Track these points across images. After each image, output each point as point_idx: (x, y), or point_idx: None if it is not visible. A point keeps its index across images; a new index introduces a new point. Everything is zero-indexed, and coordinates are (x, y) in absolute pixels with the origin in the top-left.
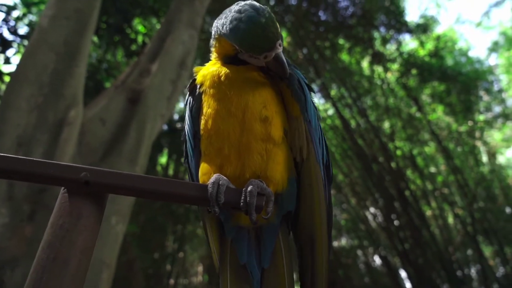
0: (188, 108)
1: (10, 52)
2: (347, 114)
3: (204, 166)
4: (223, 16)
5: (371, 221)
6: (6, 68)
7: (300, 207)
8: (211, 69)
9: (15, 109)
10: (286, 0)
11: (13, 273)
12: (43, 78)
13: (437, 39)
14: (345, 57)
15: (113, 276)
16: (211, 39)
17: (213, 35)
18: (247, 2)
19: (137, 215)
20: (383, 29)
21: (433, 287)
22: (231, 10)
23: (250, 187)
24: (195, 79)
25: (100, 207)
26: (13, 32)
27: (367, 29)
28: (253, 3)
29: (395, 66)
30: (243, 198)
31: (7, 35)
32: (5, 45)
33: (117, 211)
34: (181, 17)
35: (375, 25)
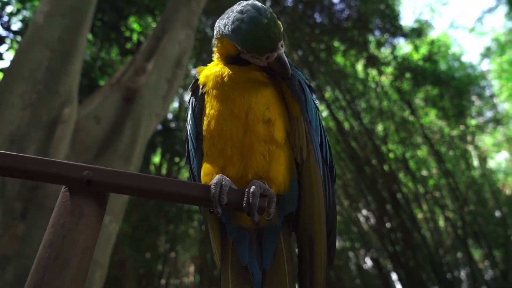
0: (190, 108)
1: (3, 48)
2: (341, 116)
3: (206, 166)
4: (225, 16)
5: (363, 223)
6: None
7: (300, 208)
8: (214, 69)
9: (8, 106)
10: (282, 1)
11: (4, 272)
12: (37, 75)
13: (431, 43)
14: (340, 59)
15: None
16: (213, 39)
17: (215, 35)
18: (249, 2)
19: (129, 214)
20: (378, 33)
21: None
22: (233, 10)
23: (252, 188)
24: (197, 79)
25: (101, 206)
26: (7, 28)
27: (362, 32)
28: (255, 3)
29: (389, 69)
30: (245, 199)
31: (0, 30)
32: None
33: (110, 210)
34: (178, 16)
35: (370, 28)
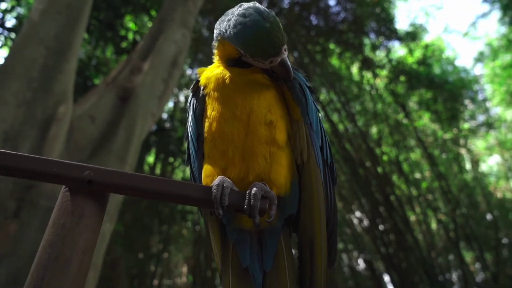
0: (191, 109)
1: None
2: (335, 118)
3: (207, 168)
4: (226, 18)
5: (356, 225)
6: None
7: (300, 210)
8: (215, 71)
9: (2, 104)
10: (278, 3)
11: None
12: (32, 73)
13: (425, 47)
14: (335, 62)
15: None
16: (213, 41)
17: (215, 37)
18: (251, 5)
19: (122, 214)
20: (373, 36)
21: None
22: (234, 13)
23: (254, 189)
24: (198, 81)
25: (102, 207)
26: (1, 25)
27: (358, 35)
28: (258, 6)
29: (384, 72)
30: (247, 201)
31: None
32: None
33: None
34: (174, 16)
35: (365, 31)
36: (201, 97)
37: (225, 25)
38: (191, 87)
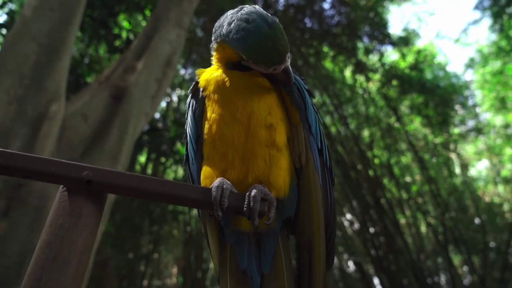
0: (191, 111)
1: None
2: (328, 121)
3: (206, 169)
4: (226, 21)
5: (347, 227)
6: None
7: (298, 213)
8: (215, 74)
9: None
10: (273, 5)
11: None
12: (24, 69)
13: (418, 52)
14: (328, 64)
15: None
16: (212, 42)
17: (214, 38)
18: (254, 10)
19: (113, 214)
20: (366, 40)
21: None
22: (236, 16)
23: (253, 192)
24: (197, 82)
25: (100, 207)
26: None
27: (351, 39)
28: (261, 11)
29: (376, 76)
30: (246, 203)
31: None
32: None
33: None
34: (169, 15)
35: (359, 35)
36: (201, 99)
37: (226, 28)
38: (190, 88)
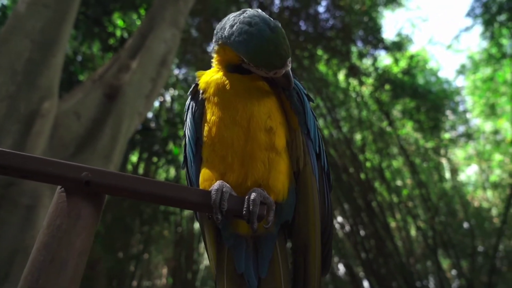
0: (190, 113)
1: None
2: (321, 123)
3: (205, 172)
4: (228, 23)
5: (338, 230)
6: None
7: (295, 217)
8: (215, 76)
9: None
10: (269, 7)
11: None
12: (16, 66)
13: (410, 57)
14: (322, 68)
15: None
16: (213, 44)
17: (215, 40)
18: (256, 13)
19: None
20: (360, 44)
21: None
22: (238, 19)
23: (253, 195)
24: (197, 84)
25: (98, 208)
26: None
27: (345, 43)
28: (264, 15)
29: (369, 80)
30: (245, 206)
31: None
32: None
33: None
34: (165, 15)
35: (353, 39)
36: (201, 101)
37: (227, 31)
38: (190, 90)
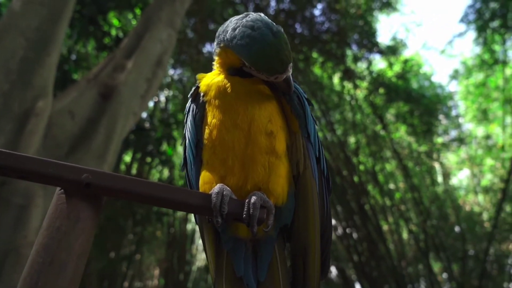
0: (191, 115)
1: None
2: None
3: (206, 175)
4: (231, 26)
5: None
6: None
7: (295, 220)
8: (216, 79)
9: None
10: (265, 9)
11: None
12: (10, 64)
13: (405, 62)
14: (317, 70)
15: None
16: (214, 47)
17: (217, 43)
18: (259, 17)
19: None
20: (355, 47)
21: None
22: (241, 23)
23: (253, 198)
24: (198, 87)
25: (97, 210)
26: None
27: (340, 46)
28: (266, 20)
29: (364, 83)
30: (246, 210)
31: None
32: None
33: None
34: (161, 15)
35: (348, 42)
36: (201, 104)
37: (230, 34)
38: (191, 93)
